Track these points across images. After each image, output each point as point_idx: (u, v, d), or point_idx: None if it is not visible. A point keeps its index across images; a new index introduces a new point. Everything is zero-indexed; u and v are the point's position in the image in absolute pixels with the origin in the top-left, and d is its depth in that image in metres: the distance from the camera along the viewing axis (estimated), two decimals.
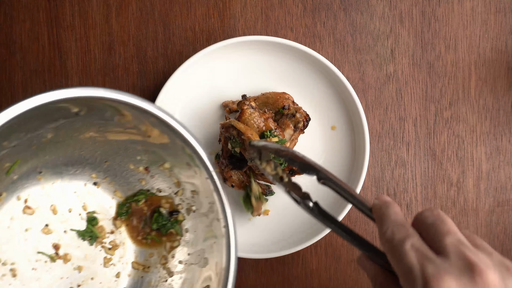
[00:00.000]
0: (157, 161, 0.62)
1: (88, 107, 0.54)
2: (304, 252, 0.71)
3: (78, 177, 0.64)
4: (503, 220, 0.71)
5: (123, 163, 0.64)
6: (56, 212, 0.63)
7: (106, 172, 0.64)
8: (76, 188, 0.64)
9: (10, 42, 0.69)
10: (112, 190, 0.65)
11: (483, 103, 0.71)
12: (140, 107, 0.52)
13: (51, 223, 0.62)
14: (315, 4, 0.70)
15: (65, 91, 0.49)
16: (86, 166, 0.63)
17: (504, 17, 0.71)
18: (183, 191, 0.63)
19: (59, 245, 0.62)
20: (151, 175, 0.64)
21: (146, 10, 0.70)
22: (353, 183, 0.67)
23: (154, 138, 0.59)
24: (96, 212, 0.65)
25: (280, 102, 0.65)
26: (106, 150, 0.62)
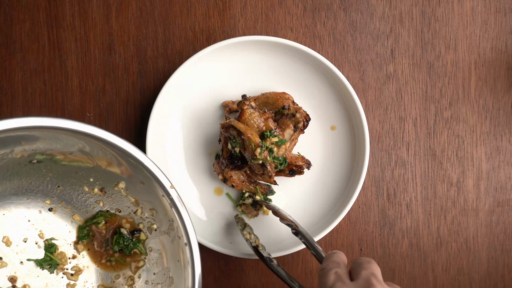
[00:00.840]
0: (111, 181, 0.61)
1: (42, 137, 0.52)
2: (304, 252, 0.71)
3: (31, 205, 0.62)
4: (503, 220, 0.71)
5: (77, 186, 0.62)
6: (10, 243, 0.60)
7: (60, 197, 0.62)
8: (30, 216, 0.62)
9: (10, 42, 0.69)
10: (70, 214, 0.63)
11: (483, 103, 0.71)
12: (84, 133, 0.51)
13: (5, 255, 0.60)
14: (315, 4, 0.70)
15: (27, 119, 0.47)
16: (38, 193, 0.61)
17: (504, 17, 0.71)
18: (142, 209, 0.62)
19: (16, 277, 0.60)
20: (107, 196, 0.63)
21: (146, 10, 0.70)
22: (353, 183, 0.67)
23: (102, 162, 0.58)
24: (54, 239, 0.63)
25: (280, 102, 0.65)
26: (56, 175, 0.60)
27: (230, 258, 0.70)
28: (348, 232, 0.71)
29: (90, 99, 0.70)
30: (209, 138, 0.69)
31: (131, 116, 0.70)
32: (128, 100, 0.70)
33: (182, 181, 0.68)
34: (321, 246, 0.71)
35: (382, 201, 0.71)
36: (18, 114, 0.69)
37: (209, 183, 0.69)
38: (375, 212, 0.71)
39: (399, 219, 0.71)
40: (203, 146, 0.69)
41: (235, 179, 0.66)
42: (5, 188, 0.59)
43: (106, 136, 0.53)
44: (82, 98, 0.70)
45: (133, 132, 0.70)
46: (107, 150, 0.55)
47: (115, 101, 0.70)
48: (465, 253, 0.71)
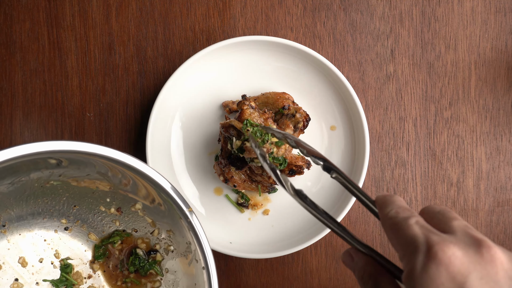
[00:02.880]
0: (128, 201, 0.61)
1: (63, 160, 0.51)
2: (304, 252, 0.71)
3: (47, 225, 0.61)
4: (503, 220, 0.71)
5: (93, 206, 0.62)
6: (26, 264, 0.60)
7: (76, 216, 0.62)
8: (46, 236, 0.61)
9: (10, 42, 0.69)
10: (86, 233, 0.63)
11: (483, 103, 0.71)
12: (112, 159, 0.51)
13: (21, 276, 0.59)
14: (315, 4, 0.70)
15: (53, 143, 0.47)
16: (54, 212, 0.61)
17: (504, 17, 0.71)
18: (159, 230, 0.61)
19: None
20: (124, 216, 0.62)
21: (146, 10, 0.70)
22: None
23: (123, 186, 0.57)
24: (70, 258, 0.62)
25: (280, 102, 0.65)
26: (72, 195, 0.60)
27: (230, 258, 0.70)
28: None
29: (90, 99, 0.70)
30: (209, 138, 0.69)
31: (131, 116, 0.70)
32: (128, 100, 0.70)
33: (182, 181, 0.68)
34: (321, 246, 0.71)
35: None
36: (18, 114, 0.69)
37: (209, 183, 0.69)
38: None
39: None
40: (203, 146, 0.69)
41: (237, 179, 0.66)
42: (22, 208, 0.58)
43: (127, 160, 0.52)
44: (82, 98, 0.70)
45: (133, 132, 0.70)
46: (127, 173, 0.54)
47: (115, 101, 0.70)
48: None
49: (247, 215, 0.69)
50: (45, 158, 0.51)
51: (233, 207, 0.69)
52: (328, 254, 0.71)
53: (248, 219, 0.69)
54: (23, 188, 0.56)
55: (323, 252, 0.71)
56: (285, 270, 0.71)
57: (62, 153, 0.49)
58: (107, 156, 0.51)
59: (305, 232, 0.68)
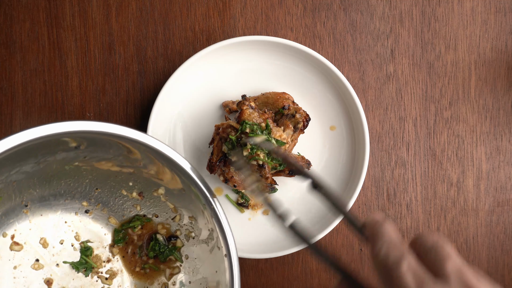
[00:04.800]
0: (151, 186, 0.60)
1: (89, 141, 0.51)
2: (304, 252, 0.71)
3: (68, 207, 0.61)
4: (503, 220, 0.71)
5: (115, 189, 0.61)
6: (47, 245, 0.60)
7: (97, 199, 0.61)
8: (67, 218, 0.61)
9: (10, 42, 0.69)
10: (106, 217, 0.62)
11: (483, 103, 0.71)
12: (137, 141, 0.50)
13: (42, 257, 0.59)
14: (315, 4, 0.70)
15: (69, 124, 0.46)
16: (76, 194, 0.60)
17: (504, 17, 0.71)
18: (180, 216, 0.61)
19: (52, 279, 0.59)
20: (145, 200, 0.62)
21: (146, 10, 0.70)
22: (353, 183, 0.67)
23: (148, 169, 0.57)
24: (90, 241, 0.62)
25: (280, 102, 0.65)
26: (95, 178, 0.60)
27: None
28: (348, 232, 0.71)
29: (90, 99, 0.70)
30: (209, 138, 0.69)
31: (131, 116, 0.70)
32: (128, 100, 0.70)
33: None
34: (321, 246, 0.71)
35: (382, 201, 0.71)
36: (18, 114, 0.69)
37: (209, 183, 0.69)
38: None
39: (399, 219, 0.71)
40: (203, 146, 0.69)
41: (237, 179, 0.66)
42: (44, 189, 0.58)
43: (155, 144, 0.52)
44: (82, 98, 0.70)
45: None
46: (151, 157, 0.54)
47: (115, 101, 0.70)
48: (465, 253, 0.71)
49: (247, 215, 0.69)
50: (70, 139, 0.50)
51: (233, 207, 0.69)
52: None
53: (248, 219, 0.69)
54: (47, 169, 0.55)
55: None
56: (285, 270, 0.71)
57: (87, 133, 0.48)
58: (132, 138, 0.50)
59: None
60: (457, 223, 0.71)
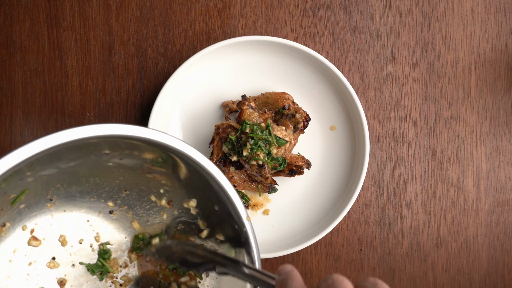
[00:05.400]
0: (183, 196, 0.57)
1: (131, 146, 0.49)
2: (304, 252, 0.71)
3: (93, 205, 0.58)
4: (503, 220, 0.71)
5: (144, 194, 0.58)
6: (66, 243, 0.57)
7: (124, 201, 0.59)
8: (89, 217, 0.58)
9: (10, 42, 0.69)
10: (129, 220, 0.60)
11: (483, 103, 0.71)
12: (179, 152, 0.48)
13: (59, 255, 0.56)
14: (315, 4, 0.70)
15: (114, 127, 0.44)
16: (103, 194, 0.58)
17: (504, 17, 0.71)
18: (208, 232, 0.57)
19: (65, 280, 0.57)
20: (173, 209, 0.59)
21: (146, 10, 0.70)
22: (353, 183, 0.67)
23: (183, 178, 0.54)
24: (109, 243, 0.59)
25: (280, 102, 0.65)
26: (127, 180, 0.57)
27: None
28: (348, 232, 0.71)
29: (90, 99, 0.70)
30: (209, 138, 0.69)
31: (131, 116, 0.70)
32: (128, 100, 0.70)
33: None
34: (321, 246, 0.71)
35: (382, 201, 0.71)
36: (18, 114, 0.69)
37: None
38: (375, 212, 0.71)
39: (399, 219, 0.71)
40: (203, 146, 0.69)
41: (237, 179, 0.66)
42: (72, 185, 0.55)
43: (199, 158, 0.50)
44: (82, 98, 0.70)
45: None
46: (190, 167, 0.52)
47: (115, 101, 0.70)
48: (465, 253, 0.71)
49: None
50: (109, 141, 0.48)
51: None
52: (328, 254, 0.71)
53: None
54: (80, 166, 0.53)
55: (323, 252, 0.71)
56: None
57: (125, 138, 0.46)
58: (171, 147, 0.48)
59: (305, 232, 0.68)
60: (457, 223, 0.71)
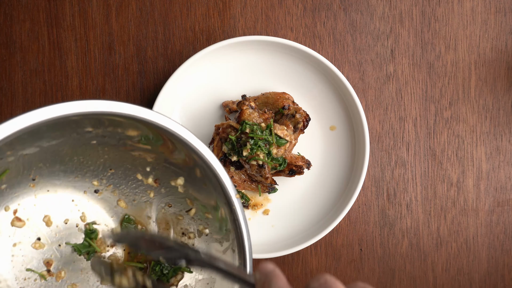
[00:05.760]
0: (169, 175, 0.56)
1: (113, 123, 0.48)
2: (304, 252, 0.71)
3: (77, 184, 0.57)
4: (503, 220, 0.71)
5: (130, 172, 0.57)
6: (50, 223, 0.56)
7: (109, 180, 0.58)
8: (74, 196, 0.57)
9: (10, 42, 0.69)
10: (115, 199, 0.59)
11: (483, 103, 0.71)
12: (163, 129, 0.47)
13: (44, 236, 0.55)
14: (315, 4, 0.70)
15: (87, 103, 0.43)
16: (87, 173, 0.56)
17: (504, 17, 0.71)
18: (196, 210, 0.57)
19: (52, 261, 0.56)
20: (160, 188, 0.58)
21: (146, 10, 0.70)
22: (353, 183, 0.67)
23: (170, 155, 0.53)
24: (95, 223, 0.58)
25: (280, 102, 0.65)
26: (111, 158, 0.55)
27: None
28: (348, 232, 0.71)
29: (90, 99, 0.70)
30: (209, 138, 0.69)
31: None
32: (128, 100, 0.70)
33: None
34: (321, 246, 0.71)
35: (382, 201, 0.71)
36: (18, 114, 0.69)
37: None
38: (375, 212, 0.71)
39: (399, 219, 0.71)
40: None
41: (237, 179, 0.66)
42: (55, 164, 0.54)
43: (181, 132, 0.49)
44: (82, 98, 0.70)
45: None
46: (176, 144, 0.51)
47: None
48: (465, 253, 0.71)
49: (247, 215, 0.69)
50: (91, 118, 0.48)
51: None
52: (328, 254, 0.71)
53: (248, 219, 0.69)
54: (63, 145, 0.51)
55: (323, 252, 0.71)
56: (285, 270, 0.71)
57: (109, 115, 0.46)
58: (160, 125, 0.47)
59: (305, 232, 0.68)
60: (457, 223, 0.71)
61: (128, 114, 0.46)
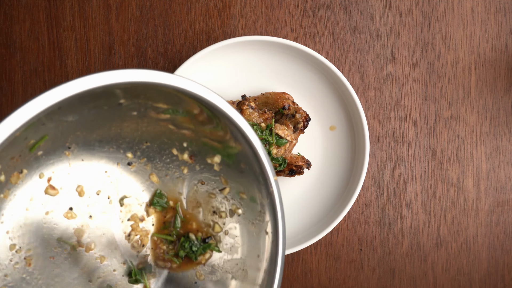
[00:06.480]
0: (207, 152, 0.55)
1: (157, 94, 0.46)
2: (304, 252, 0.71)
3: (111, 155, 0.55)
4: (503, 220, 0.71)
5: (166, 147, 0.56)
6: (83, 194, 0.55)
7: (144, 153, 0.56)
8: (107, 168, 0.55)
9: (10, 42, 0.69)
10: (148, 172, 0.57)
11: (483, 103, 0.71)
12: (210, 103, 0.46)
13: (76, 206, 0.54)
14: (315, 4, 0.70)
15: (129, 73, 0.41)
16: (123, 144, 0.55)
17: (504, 17, 0.71)
18: (230, 189, 0.55)
19: (83, 231, 0.55)
20: (195, 164, 0.56)
21: (146, 10, 0.70)
22: (353, 183, 0.67)
23: (212, 133, 0.52)
24: (126, 196, 0.57)
25: (280, 102, 0.66)
26: (149, 131, 0.54)
27: None
28: (348, 232, 0.71)
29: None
30: None
31: None
32: None
33: None
34: (321, 246, 0.71)
35: (382, 201, 0.71)
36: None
37: None
38: (375, 212, 0.71)
39: (399, 219, 0.71)
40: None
41: None
42: (92, 133, 0.52)
43: (233, 114, 0.48)
44: None
45: None
46: (223, 123, 0.50)
47: None
48: (465, 253, 0.71)
49: None
50: (134, 89, 0.46)
51: None
52: (328, 254, 0.71)
53: None
54: (103, 114, 0.50)
55: (323, 252, 0.71)
56: (285, 270, 0.71)
57: (154, 85, 0.44)
58: (207, 100, 0.46)
59: (305, 232, 0.68)
60: (457, 223, 0.71)
61: (183, 89, 0.45)
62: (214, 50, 0.65)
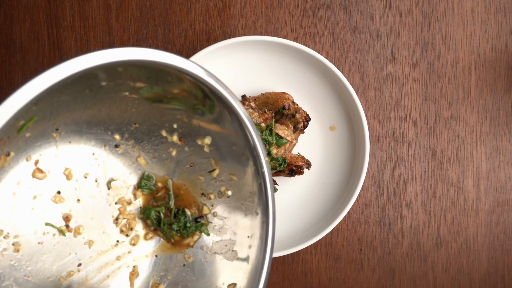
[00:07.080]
0: (197, 133, 0.54)
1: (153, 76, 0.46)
2: (304, 252, 0.71)
3: (99, 137, 0.55)
4: (503, 220, 0.71)
5: (155, 128, 0.55)
6: (71, 177, 0.54)
7: (132, 135, 0.56)
8: (95, 150, 0.55)
9: (10, 42, 0.69)
10: (135, 155, 0.57)
11: (483, 103, 0.71)
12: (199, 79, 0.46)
13: (64, 190, 0.53)
14: (315, 4, 0.70)
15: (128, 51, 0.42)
16: (111, 125, 0.54)
17: (504, 17, 0.71)
18: (220, 171, 0.55)
19: (71, 216, 0.54)
20: (184, 146, 0.56)
21: (146, 10, 0.70)
22: (353, 183, 0.67)
23: (204, 112, 0.52)
24: (113, 179, 0.56)
25: (280, 102, 0.66)
26: (139, 112, 0.53)
27: None
28: (348, 232, 0.71)
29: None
30: None
31: None
32: None
33: None
34: (321, 246, 0.71)
35: (382, 201, 0.71)
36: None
37: None
38: (375, 212, 0.71)
39: (399, 219, 0.71)
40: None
41: None
42: (81, 114, 0.51)
43: (222, 90, 0.48)
44: None
45: None
46: (214, 101, 0.49)
47: None
48: (465, 253, 0.71)
49: None
50: (128, 68, 0.46)
51: None
52: (328, 254, 0.71)
53: None
54: (93, 94, 0.49)
55: (323, 252, 0.71)
56: (285, 270, 0.71)
57: (149, 63, 0.44)
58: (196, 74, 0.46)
59: (305, 232, 0.68)
60: (457, 223, 0.71)
61: (177, 66, 0.45)
62: (214, 50, 0.65)
